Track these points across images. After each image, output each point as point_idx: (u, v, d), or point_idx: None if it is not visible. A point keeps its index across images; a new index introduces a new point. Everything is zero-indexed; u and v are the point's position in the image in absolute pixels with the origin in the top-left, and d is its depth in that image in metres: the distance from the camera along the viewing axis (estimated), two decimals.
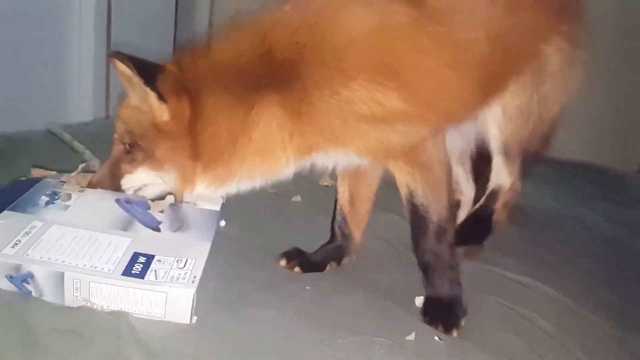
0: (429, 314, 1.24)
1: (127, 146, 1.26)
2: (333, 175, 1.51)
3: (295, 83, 1.17)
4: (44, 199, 1.28)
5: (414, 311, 1.27)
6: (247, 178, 1.26)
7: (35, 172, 1.41)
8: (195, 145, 1.22)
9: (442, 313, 1.24)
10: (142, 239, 1.20)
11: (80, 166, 1.40)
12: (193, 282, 1.09)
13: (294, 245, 1.43)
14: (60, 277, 1.07)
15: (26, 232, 1.16)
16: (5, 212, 1.21)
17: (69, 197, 1.30)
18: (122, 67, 1.19)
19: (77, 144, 1.79)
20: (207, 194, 1.29)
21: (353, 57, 1.16)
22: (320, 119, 1.18)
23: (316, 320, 1.17)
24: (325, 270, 1.41)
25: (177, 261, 1.14)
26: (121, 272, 1.09)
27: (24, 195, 1.28)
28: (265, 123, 1.20)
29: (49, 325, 1.03)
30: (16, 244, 1.12)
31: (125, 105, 1.28)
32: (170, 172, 1.25)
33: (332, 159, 1.28)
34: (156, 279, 1.09)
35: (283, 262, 1.39)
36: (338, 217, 1.46)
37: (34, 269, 1.08)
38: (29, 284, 1.09)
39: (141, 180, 1.29)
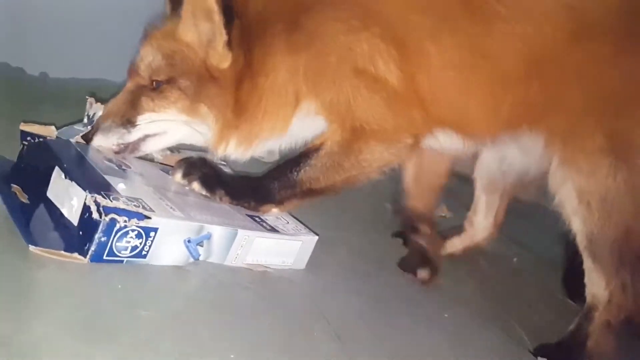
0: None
1: (156, 82, 1.17)
2: (451, 207, 1.61)
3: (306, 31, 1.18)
4: (112, 165, 1.12)
5: None
6: (267, 137, 1.24)
7: (26, 127, 1.13)
8: (239, 100, 1.19)
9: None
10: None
11: (88, 114, 1.19)
12: (310, 231, 1.27)
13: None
14: (233, 235, 1.08)
15: (160, 194, 1.06)
16: (110, 177, 1.04)
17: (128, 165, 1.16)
18: (211, 3, 1.11)
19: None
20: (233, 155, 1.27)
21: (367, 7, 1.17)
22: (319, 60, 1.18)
23: (471, 351, 1.16)
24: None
25: (277, 218, 1.27)
26: (262, 229, 1.17)
27: (88, 162, 1.08)
28: (282, 77, 1.20)
29: (231, 281, 1.05)
30: (171, 208, 1.03)
31: (170, 36, 1.17)
32: (205, 120, 1.19)
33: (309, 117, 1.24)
34: (287, 231, 1.22)
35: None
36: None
37: (213, 229, 1.04)
38: (202, 246, 1.04)
39: (165, 121, 1.19)
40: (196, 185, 1.17)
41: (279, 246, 1.18)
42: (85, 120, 1.18)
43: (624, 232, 1.23)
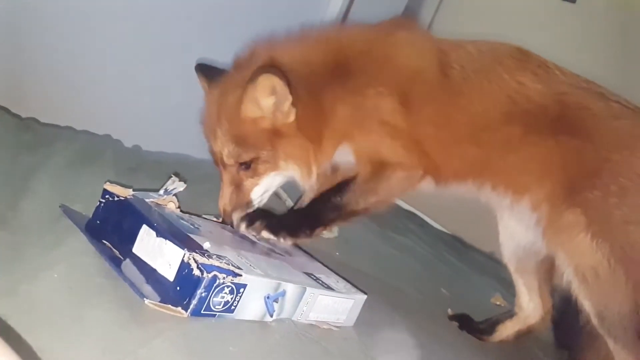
0: None
1: (245, 164, 1.35)
2: (508, 297, 1.71)
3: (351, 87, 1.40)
4: (186, 224, 1.19)
5: None
6: (328, 159, 1.44)
7: (109, 186, 1.20)
8: (304, 136, 1.37)
9: None
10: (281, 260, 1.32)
11: (166, 187, 1.27)
12: (358, 290, 1.36)
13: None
14: (302, 292, 1.16)
15: (236, 252, 1.13)
16: (194, 236, 1.11)
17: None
18: (276, 82, 1.26)
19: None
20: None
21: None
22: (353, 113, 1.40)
23: None
24: None
25: (328, 277, 1.35)
26: (320, 286, 1.25)
27: (170, 222, 1.16)
28: (334, 114, 1.39)
29: (306, 336, 1.14)
30: (251, 265, 1.11)
31: (235, 121, 1.33)
32: (289, 165, 1.38)
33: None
34: (339, 289, 1.30)
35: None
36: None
37: (287, 286, 1.12)
38: (277, 302, 1.11)
39: (265, 187, 1.41)
40: (265, 233, 1.36)
41: (335, 304, 1.26)
42: (161, 192, 1.27)
43: (631, 306, 1.23)
